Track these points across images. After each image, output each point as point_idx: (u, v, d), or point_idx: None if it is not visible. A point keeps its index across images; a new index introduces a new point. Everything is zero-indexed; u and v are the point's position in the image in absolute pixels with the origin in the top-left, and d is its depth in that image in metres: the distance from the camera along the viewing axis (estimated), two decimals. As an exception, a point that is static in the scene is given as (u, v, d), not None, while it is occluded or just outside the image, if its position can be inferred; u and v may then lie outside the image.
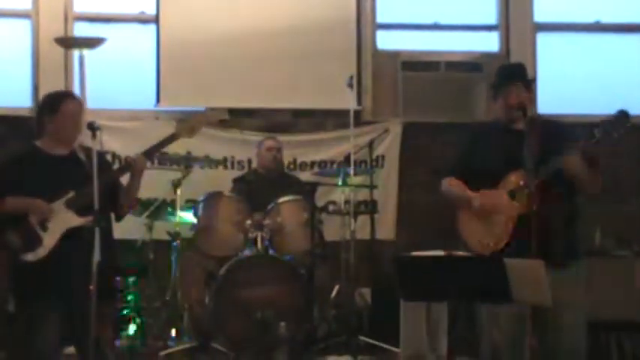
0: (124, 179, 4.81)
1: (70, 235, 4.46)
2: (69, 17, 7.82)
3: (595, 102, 7.85)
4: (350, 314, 6.73)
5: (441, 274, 3.92)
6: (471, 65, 8.06)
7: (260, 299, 6.31)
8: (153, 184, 6.31)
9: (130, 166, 4.76)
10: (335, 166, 7.64)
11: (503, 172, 4.49)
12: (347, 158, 7.17)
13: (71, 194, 4.51)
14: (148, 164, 4.84)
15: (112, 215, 4.78)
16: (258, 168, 7.31)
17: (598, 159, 4.49)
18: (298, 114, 8.03)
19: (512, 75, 4.66)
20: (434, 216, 7.38)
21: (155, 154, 5.01)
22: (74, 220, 4.47)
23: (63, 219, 4.49)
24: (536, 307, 4.31)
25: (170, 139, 4.79)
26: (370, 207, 7.44)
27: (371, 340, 6.58)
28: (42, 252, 4.45)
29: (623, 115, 4.41)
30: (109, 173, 4.70)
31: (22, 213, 4.47)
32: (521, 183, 4.40)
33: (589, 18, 8.26)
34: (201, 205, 6.70)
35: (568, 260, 4.49)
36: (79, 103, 4.73)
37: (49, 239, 4.47)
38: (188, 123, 4.86)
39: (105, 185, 4.51)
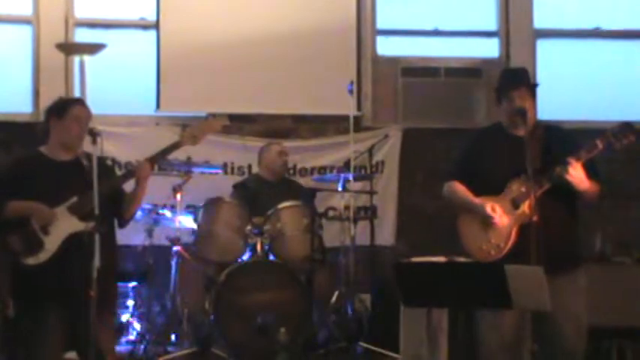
0: (128, 185, 4.81)
1: (72, 240, 4.46)
2: (69, 23, 7.84)
3: (595, 108, 7.87)
4: (350, 320, 6.72)
5: (442, 280, 3.91)
6: (470, 71, 8.08)
7: (260, 305, 6.30)
8: (153, 189, 6.30)
9: (134, 172, 4.76)
10: (335, 171, 7.63)
11: (505, 179, 4.48)
12: (347, 164, 7.17)
13: (74, 199, 4.52)
14: (150, 170, 4.85)
15: (115, 221, 4.78)
16: (263, 173, 7.27)
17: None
18: (298, 120, 8.03)
19: (517, 79, 4.63)
20: (434, 222, 7.41)
21: (159, 161, 5.02)
22: (76, 226, 4.47)
23: (65, 224, 4.49)
24: (537, 313, 4.31)
25: (174, 146, 4.81)
26: (370, 213, 7.44)
27: (371, 346, 6.57)
28: (43, 256, 4.46)
29: (626, 127, 4.39)
30: (113, 180, 4.71)
31: (24, 217, 4.48)
32: (523, 190, 4.40)
33: (589, 24, 8.27)
34: (201, 211, 6.70)
35: (568, 267, 4.49)
36: (87, 110, 4.74)
37: (51, 244, 4.47)
38: (192, 131, 4.86)
39: (108, 191, 4.53)
